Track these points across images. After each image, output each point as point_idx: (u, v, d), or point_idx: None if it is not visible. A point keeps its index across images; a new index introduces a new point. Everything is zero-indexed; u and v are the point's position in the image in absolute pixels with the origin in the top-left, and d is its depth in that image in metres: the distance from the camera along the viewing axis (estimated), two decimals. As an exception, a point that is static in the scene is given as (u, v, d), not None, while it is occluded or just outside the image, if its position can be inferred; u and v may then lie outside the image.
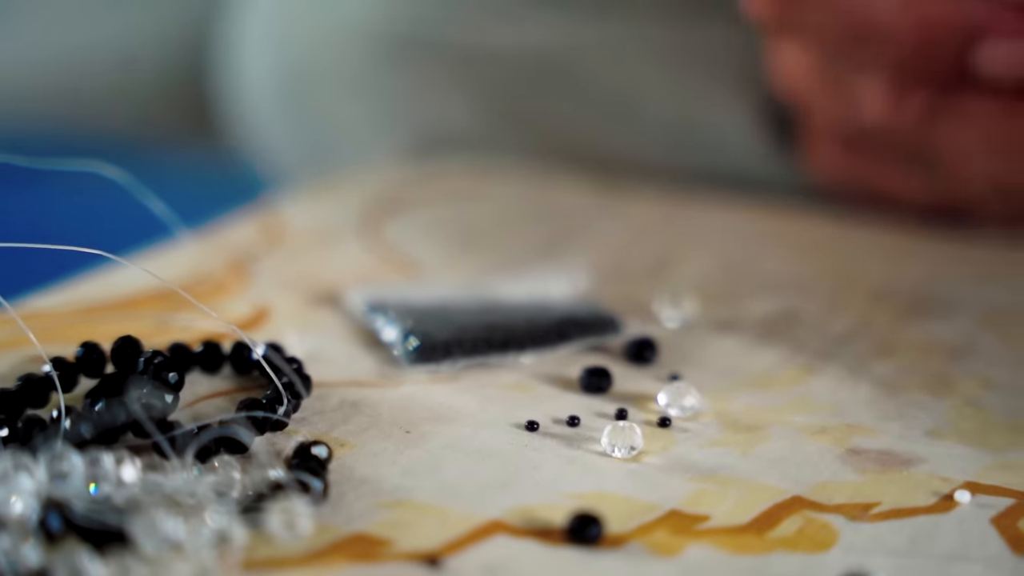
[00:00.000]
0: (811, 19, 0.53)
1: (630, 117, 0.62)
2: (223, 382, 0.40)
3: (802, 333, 0.45)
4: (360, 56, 0.65)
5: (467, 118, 0.63)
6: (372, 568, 0.32)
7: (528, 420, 0.39)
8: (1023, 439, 0.39)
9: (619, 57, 0.62)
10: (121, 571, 0.30)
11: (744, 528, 0.34)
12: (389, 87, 0.64)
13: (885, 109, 0.52)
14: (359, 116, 0.66)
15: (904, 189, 0.55)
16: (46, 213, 0.78)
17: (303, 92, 0.68)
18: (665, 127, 0.62)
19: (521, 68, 0.63)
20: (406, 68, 0.64)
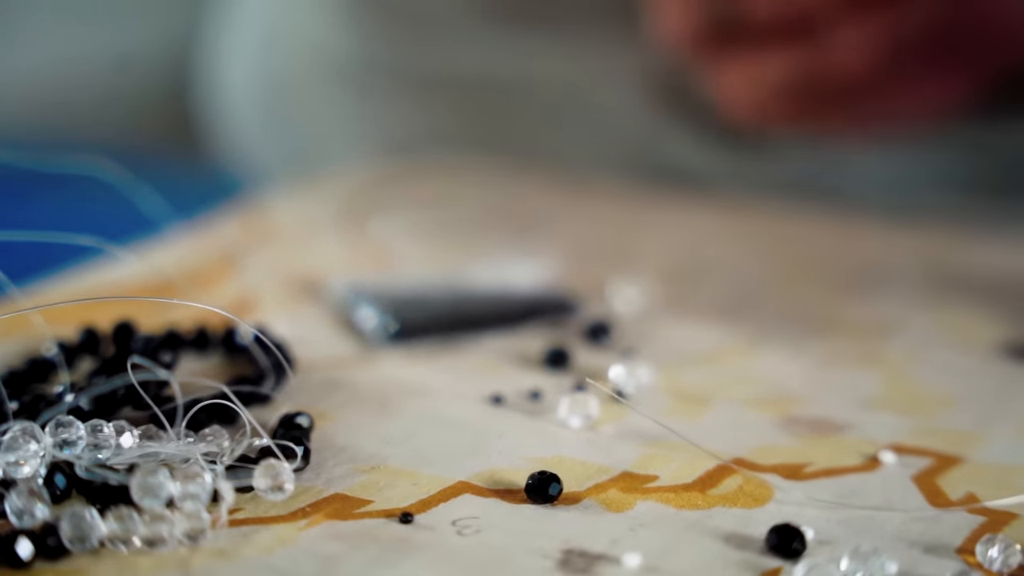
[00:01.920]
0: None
1: (590, 132, 0.64)
2: (214, 363, 0.42)
3: (747, 314, 0.47)
4: (332, 76, 0.67)
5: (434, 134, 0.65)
6: (350, 524, 0.34)
7: (494, 394, 0.41)
8: (945, 408, 0.41)
9: (580, 78, 0.64)
10: (120, 525, 0.32)
11: (688, 486, 0.36)
12: (360, 103, 0.66)
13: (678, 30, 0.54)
14: (333, 128, 0.68)
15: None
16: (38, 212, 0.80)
17: (281, 105, 0.70)
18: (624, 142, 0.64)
19: (483, 89, 0.65)
20: (374, 88, 0.66)
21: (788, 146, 0.62)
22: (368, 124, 0.66)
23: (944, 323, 0.47)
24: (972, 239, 0.54)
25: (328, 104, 0.67)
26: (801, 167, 0.62)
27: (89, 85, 1.27)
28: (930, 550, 0.33)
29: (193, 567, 0.32)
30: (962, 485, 0.36)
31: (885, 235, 0.55)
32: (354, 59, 0.65)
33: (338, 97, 0.67)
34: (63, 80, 1.26)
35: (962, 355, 0.44)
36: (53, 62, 1.26)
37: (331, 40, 0.66)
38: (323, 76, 0.66)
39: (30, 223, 0.41)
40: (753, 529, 0.34)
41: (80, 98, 1.27)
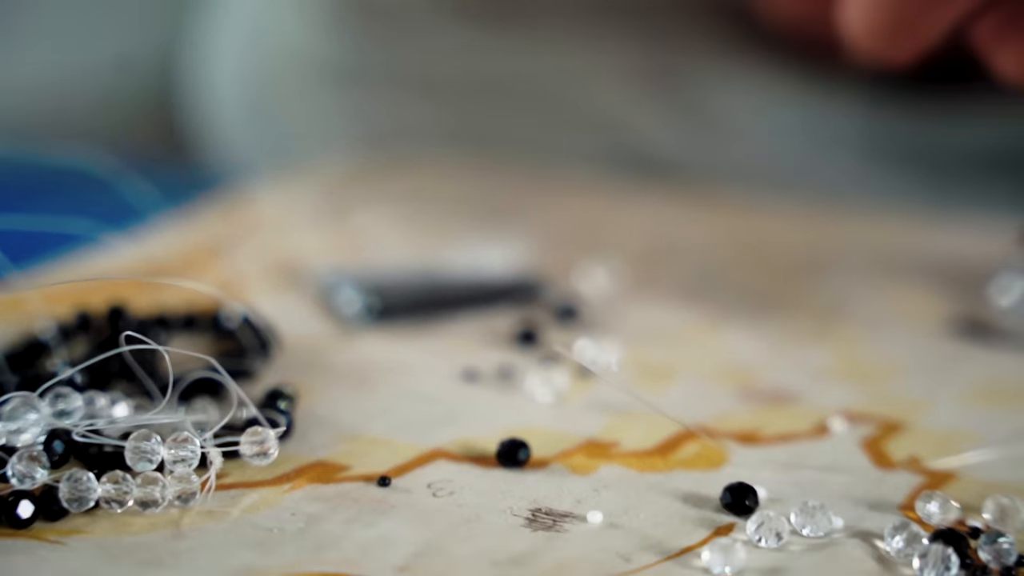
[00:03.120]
0: None
1: (564, 127, 0.66)
2: (202, 343, 0.44)
3: (709, 295, 0.49)
4: (312, 75, 0.68)
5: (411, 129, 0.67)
6: (331, 487, 0.36)
7: (468, 370, 0.42)
8: (892, 379, 0.42)
9: (555, 71, 0.65)
10: (115, 487, 0.34)
11: (650, 452, 0.38)
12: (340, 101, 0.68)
13: None
14: (315, 125, 0.69)
15: None
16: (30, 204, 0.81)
17: (264, 104, 0.71)
18: (599, 135, 0.65)
19: (459, 86, 0.66)
20: (354, 86, 0.67)
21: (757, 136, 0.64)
22: (348, 121, 0.68)
23: (893, 302, 0.48)
24: (921, 225, 0.55)
25: (309, 102, 0.68)
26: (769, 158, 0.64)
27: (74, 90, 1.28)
28: (874, 507, 0.35)
29: (184, 526, 0.33)
30: (906, 448, 0.38)
31: (839, 222, 0.56)
32: (334, 58, 0.67)
33: (319, 95, 0.68)
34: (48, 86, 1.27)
35: (910, 331, 0.46)
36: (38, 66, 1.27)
37: (311, 40, 0.67)
38: (304, 75, 0.68)
39: (13, 211, 0.43)
40: (710, 490, 0.36)
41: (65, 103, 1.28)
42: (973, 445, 0.38)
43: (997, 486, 0.36)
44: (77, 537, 0.33)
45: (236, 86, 0.72)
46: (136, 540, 0.33)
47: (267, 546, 0.33)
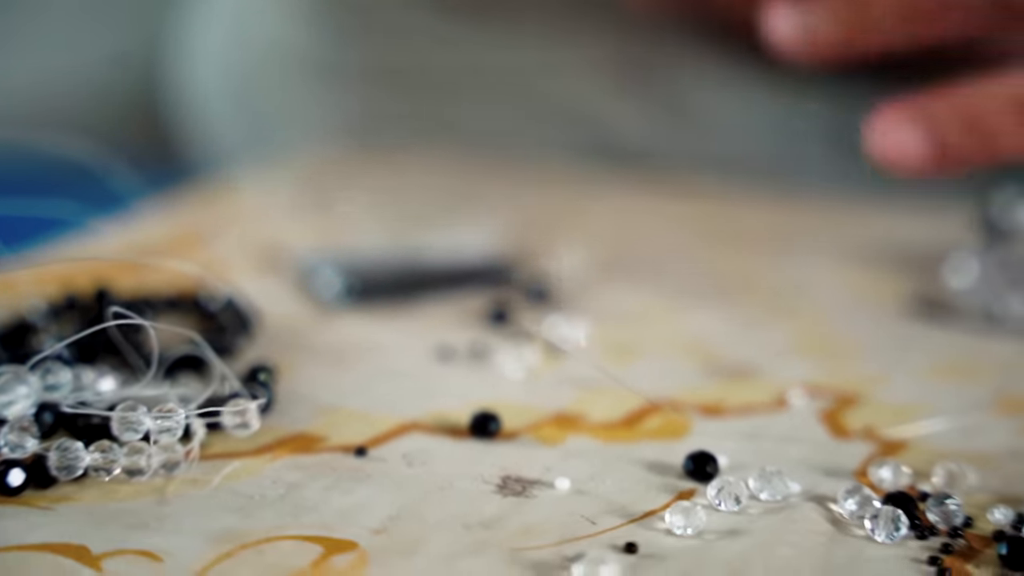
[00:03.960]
0: None
1: (537, 118, 0.67)
2: (186, 323, 0.45)
3: (675, 277, 0.50)
4: (293, 68, 0.69)
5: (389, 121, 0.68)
6: (311, 457, 0.37)
7: (442, 348, 0.43)
8: (850, 355, 0.44)
9: (530, 65, 0.66)
10: (103, 456, 0.35)
11: (616, 423, 0.39)
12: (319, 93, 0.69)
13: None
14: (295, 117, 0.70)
15: None
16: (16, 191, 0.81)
17: (246, 96, 0.72)
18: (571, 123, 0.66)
19: (435, 77, 0.67)
20: (333, 78, 0.68)
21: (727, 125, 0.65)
22: (328, 112, 0.69)
23: (853, 283, 0.49)
24: (880, 211, 0.57)
25: (290, 93, 0.70)
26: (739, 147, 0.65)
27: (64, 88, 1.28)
28: (829, 473, 0.36)
29: (168, 493, 0.34)
30: (861, 420, 0.39)
31: (803, 208, 0.58)
32: (314, 50, 0.68)
33: (299, 87, 0.69)
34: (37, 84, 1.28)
35: (868, 310, 0.47)
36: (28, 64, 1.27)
37: (292, 33, 0.68)
38: (284, 67, 0.69)
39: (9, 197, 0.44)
40: (673, 458, 0.37)
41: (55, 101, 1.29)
42: (925, 416, 0.39)
43: (947, 454, 0.37)
44: (66, 504, 0.34)
45: (218, 78, 0.73)
46: (123, 506, 0.34)
47: (248, 511, 0.34)
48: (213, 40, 0.73)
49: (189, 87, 0.76)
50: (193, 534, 0.33)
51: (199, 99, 0.75)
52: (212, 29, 0.73)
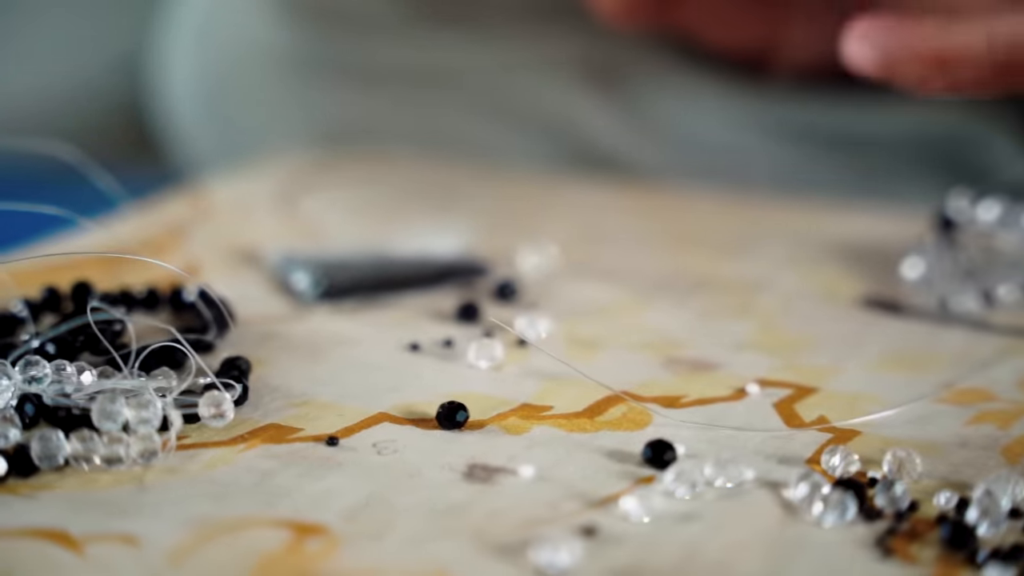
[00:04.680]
0: None
1: (507, 116, 0.68)
2: (163, 318, 0.46)
3: (639, 275, 0.51)
4: (268, 70, 0.70)
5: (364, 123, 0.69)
6: (283, 447, 0.38)
7: (412, 342, 0.45)
8: (806, 349, 0.45)
9: (497, 68, 0.68)
10: (83, 446, 0.36)
11: (579, 414, 0.40)
12: (294, 96, 0.70)
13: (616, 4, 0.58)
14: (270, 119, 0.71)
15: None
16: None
17: (221, 99, 0.73)
18: (537, 123, 0.68)
19: (415, 78, 0.68)
20: (313, 80, 0.69)
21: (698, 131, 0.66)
22: (302, 114, 0.70)
23: (810, 281, 0.51)
24: (840, 210, 0.58)
25: (263, 96, 0.70)
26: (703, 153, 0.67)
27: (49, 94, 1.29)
28: (783, 461, 0.37)
29: (146, 481, 0.36)
30: (815, 410, 0.40)
31: (765, 208, 0.59)
32: (288, 54, 0.69)
33: (273, 89, 0.70)
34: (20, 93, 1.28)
35: (824, 306, 0.49)
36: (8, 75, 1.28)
37: (266, 36, 0.69)
38: (258, 69, 0.70)
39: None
40: (633, 447, 0.38)
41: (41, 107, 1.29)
42: (877, 406, 0.40)
43: (896, 442, 0.38)
44: (48, 491, 0.35)
45: (192, 80, 0.74)
46: (102, 494, 0.35)
47: (224, 498, 0.35)
48: (185, 43, 0.74)
49: (165, 90, 0.77)
50: (171, 520, 0.34)
51: (174, 102, 0.76)
52: (184, 32, 0.74)
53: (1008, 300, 0.48)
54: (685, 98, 0.66)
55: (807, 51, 0.62)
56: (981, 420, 0.40)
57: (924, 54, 0.44)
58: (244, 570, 0.32)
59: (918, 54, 0.44)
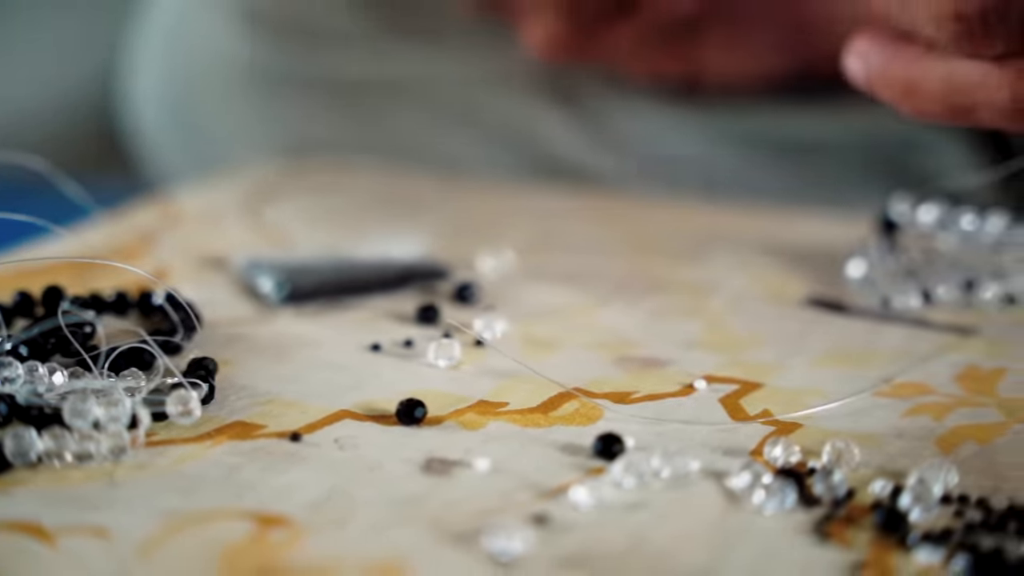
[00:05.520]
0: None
1: (468, 127, 0.69)
2: (132, 321, 0.47)
3: (594, 278, 0.53)
4: (236, 83, 0.71)
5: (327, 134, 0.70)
6: (249, 443, 0.39)
7: (373, 343, 0.46)
8: (753, 347, 0.46)
9: (457, 80, 0.69)
10: (55, 443, 0.37)
11: (533, 410, 0.41)
12: (263, 107, 0.71)
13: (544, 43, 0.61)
14: (236, 131, 0.72)
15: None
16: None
17: (188, 111, 0.74)
18: (496, 133, 0.69)
19: (377, 90, 0.70)
20: (277, 92, 0.70)
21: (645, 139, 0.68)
22: (267, 126, 0.71)
23: (758, 282, 0.52)
24: (788, 215, 0.60)
25: (228, 107, 0.72)
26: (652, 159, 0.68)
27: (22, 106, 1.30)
28: (728, 453, 0.39)
29: (117, 477, 0.37)
30: (760, 404, 0.42)
31: (717, 213, 0.60)
32: (253, 67, 0.70)
33: (238, 100, 0.71)
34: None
35: (771, 307, 0.50)
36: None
37: (232, 50, 0.71)
38: (223, 81, 0.71)
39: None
40: (585, 441, 0.39)
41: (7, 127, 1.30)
42: (818, 400, 0.42)
43: (836, 433, 0.40)
44: (21, 487, 0.36)
45: (159, 92, 0.75)
46: (74, 489, 0.36)
47: (191, 492, 0.36)
48: (152, 56, 0.75)
49: (133, 103, 0.78)
50: (140, 513, 0.35)
51: (141, 114, 0.77)
52: (151, 45, 0.75)
53: (946, 299, 0.49)
54: (640, 109, 0.68)
55: (731, 74, 0.64)
56: (917, 412, 0.41)
57: (896, 80, 0.46)
58: (211, 560, 0.33)
59: (894, 77, 0.46)
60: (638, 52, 0.63)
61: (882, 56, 0.46)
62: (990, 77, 0.43)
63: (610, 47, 0.63)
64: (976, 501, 0.36)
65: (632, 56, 0.63)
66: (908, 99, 0.45)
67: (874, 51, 0.47)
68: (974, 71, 0.43)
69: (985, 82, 0.43)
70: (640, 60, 0.64)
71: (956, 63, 0.44)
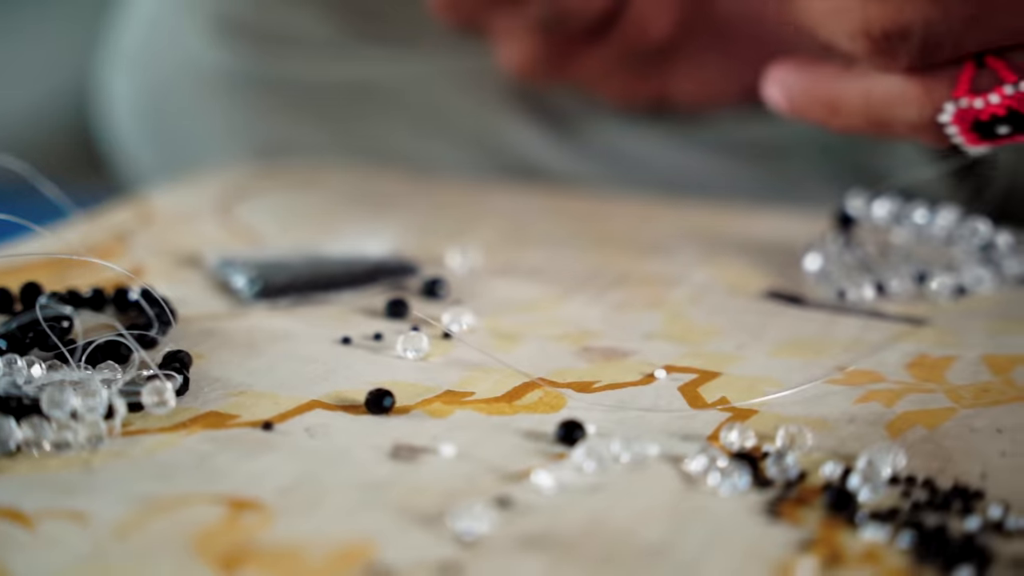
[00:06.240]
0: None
1: (438, 130, 0.71)
2: (108, 317, 0.48)
3: (559, 273, 0.54)
4: (208, 87, 0.72)
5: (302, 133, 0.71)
6: (222, 432, 0.40)
7: (344, 336, 0.47)
8: (712, 337, 0.48)
9: (427, 83, 0.70)
10: (34, 432, 0.38)
11: (498, 399, 0.43)
12: (235, 111, 0.72)
13: (519, 63, 0.62)
14: (209, 136, 0.73)
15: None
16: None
17: (161, 117, 0.75)
18: (466, 136, 0.70)
19: (348, 94, 0.71)
20: (249, 96, 0.71)
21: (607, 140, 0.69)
22: (239, 131, 0.72)
23: (719, 276, 0.54)
24: (749, 212, 0.61)
25: (202, 114, 0.73)
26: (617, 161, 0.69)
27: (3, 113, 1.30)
28: (686, 438, 0.40)
29: (94, 465, 0.38)
30: (718, 392, 0.43)
31: (681, 211, 0.62)
32: (223, 72, 0.71)
33: (211, 108, 0.72)
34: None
35: (732, 299, 0.51)
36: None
37: (202, 56, 0.72)
38: (196, 89, 0.72)
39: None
40: (548, 428, 0.41)
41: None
42: (774, 388, 0.43)
43: (790, 419, 0.41)
44: (1, 475, 0.37)
45: (132, 99, 0.76)
46: (52, 476, 0.37)
47: (166, 478, 0.37)
48: (125, 63, 0.76)
49: (107, 110, 0.79)
50: (116, 498, 0.36)
51: (115, 121, 0.78)
52: (124, 53, 0.76)
53: (899, 290, 0.51)
54: (608, 114, 0.69)
55: (699, 95, 0.66)
56: (869, 399, 0.43)
57: (820, 99, 0.48)
58: (185, 541, 0.34)
59: (816, 98, 0.48)
60: (609, 76, 0.64)
61: (803, 79, 0.48)
62: (903, 92, 0.45)
63: (582, 70, 0.64)
64: (923, 482, 0.37)
65: (603, 80, 0.65)
66: (832, 117, 0.47)
67: (793, 76, 0.48)
68: (889, 86, 0.45)
69: (899, 96, 0.45)
70: (610, 84, 0.65)
71: (873, 79, 0.45)
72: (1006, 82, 0.44)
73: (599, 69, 0.64)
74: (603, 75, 0.65)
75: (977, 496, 0.37)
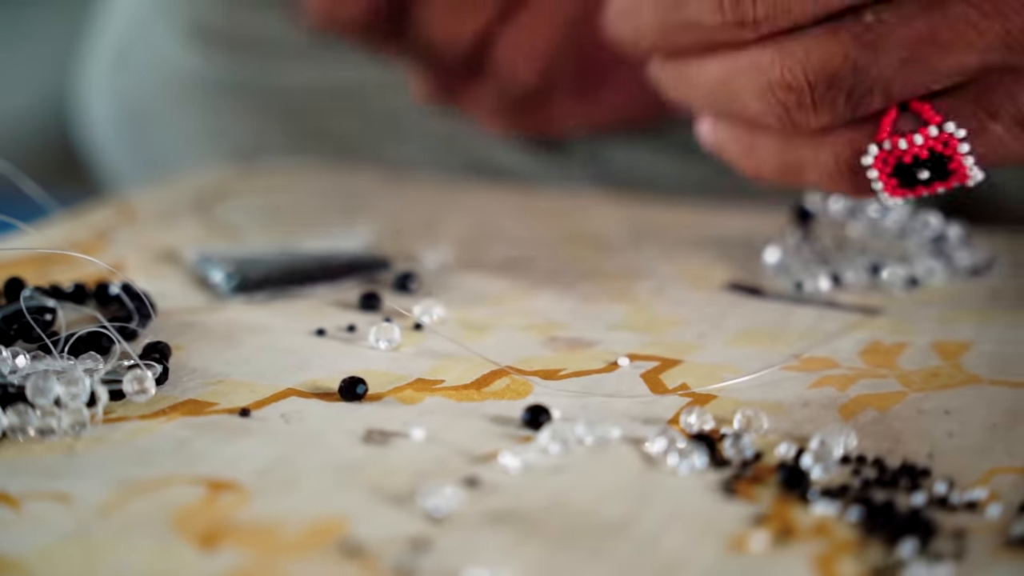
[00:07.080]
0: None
1: (408, 132, 0.72)
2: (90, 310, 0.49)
3: (528, 268, 0.55)
4: (184, 92, 0.74)
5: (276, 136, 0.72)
6: (201, 418, 0.41)
7: (318, 328, 0.48)
8: (673, 327, 0.49)
9: (396, 87, 0.71)
10: (18, 419, 0.39)
11: (467, 386, 0.44)
12: (211, 116, 0.73)
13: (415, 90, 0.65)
14: (186, 141, 0.75)
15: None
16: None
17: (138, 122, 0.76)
18: (436, 138, 0.72)
19: (320, 98, 0.72)
20: (224, 100, 0.73)
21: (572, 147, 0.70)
22: (216, 135, 0.73)
23: (683, 270, 0.55)
24: (713, 210, 0.62)
25: (179, 119, 0.74)
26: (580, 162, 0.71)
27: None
28: (647, 422, 0.42)
29: (77, 449, 0.39)
30: (678, 378, 0.45)
31: (648, 210, 0.63)
32: (200, 77, 0.72)
33: (188, 112, 0.73)
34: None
35: (694, 291, 0.53)
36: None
37: (179, 61, 0.73)
38: (173, 94, 0.73)
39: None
40: (515, 414, 0.42)
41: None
42: (732, 374, 0.45)
43: (747, 403, 0.42)
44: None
45: (110, 105, 0.77)
46: (37, 460, 0.38)
47: (146, 462, 0.39)
48: (103, 68, 0.77)
49: (86, 115, 0.80)
50: (99, 480, 0.37)
51: (94, 126, 0.79)
52: (102, 58, 0.78)
53: (854, 281, 0.52)
54: None
55: (587, 125, 0.67)
56: (823, 384, 0.44)
57: (735, 143, 0.49)
58: (166, 520, 0.36)
59: (732, 141, 0.49)
60: (493, 111, 0.66)
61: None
62: (816, 145, 0.45)
63: (470, 102, 0.66)
64: (872, 461, 0.39)
65: (489, 114, 0.66)
66: (745, 160, 0.48)
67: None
68: (802, 139, 0.45)
69: (812, 149, 0.45)
70: (495, 118, 0.66)
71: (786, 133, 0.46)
72: (930, 123, 0.43)
73: (483, 103, 0.66)
74: (488, 109, 0.66)
75: (924, 474, 0.38)
